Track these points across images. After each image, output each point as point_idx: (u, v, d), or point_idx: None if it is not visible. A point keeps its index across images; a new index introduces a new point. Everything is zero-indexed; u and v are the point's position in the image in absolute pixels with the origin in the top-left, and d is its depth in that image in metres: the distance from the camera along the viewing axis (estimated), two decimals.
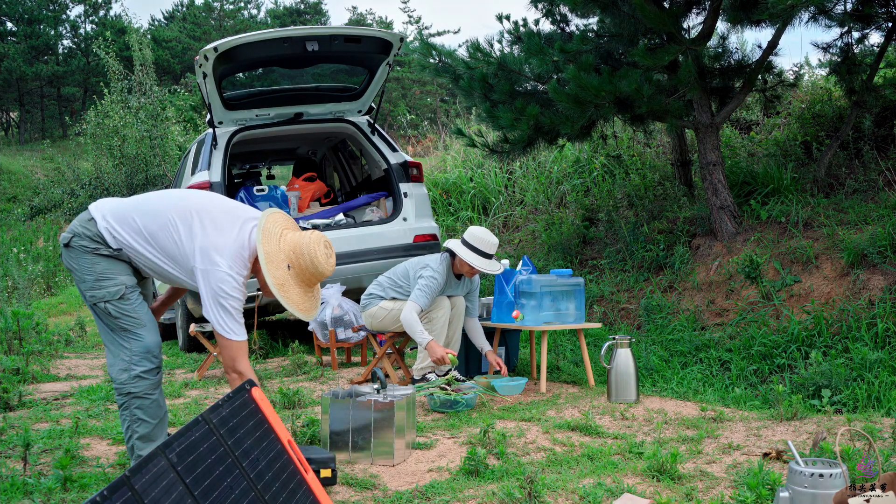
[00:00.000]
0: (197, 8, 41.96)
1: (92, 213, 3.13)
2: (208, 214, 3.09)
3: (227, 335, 3.01)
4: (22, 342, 6.18)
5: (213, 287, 2.99)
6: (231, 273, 3.00)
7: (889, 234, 5.62)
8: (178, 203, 3.15)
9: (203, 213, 3.09)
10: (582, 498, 2.97)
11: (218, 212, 3.12)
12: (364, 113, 6.91)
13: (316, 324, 5.80)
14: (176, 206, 3.13)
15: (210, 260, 2.99)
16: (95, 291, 3.07)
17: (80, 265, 3.09)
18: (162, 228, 3.08)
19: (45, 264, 17.43)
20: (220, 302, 2.99)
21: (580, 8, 6.52)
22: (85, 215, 3.15)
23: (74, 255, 3.11)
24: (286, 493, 2.25)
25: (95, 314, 3.12)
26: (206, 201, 3.19)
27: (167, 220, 3.08)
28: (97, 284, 3.08)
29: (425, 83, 25.64)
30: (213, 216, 3.09)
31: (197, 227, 3.05)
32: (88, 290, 3.09)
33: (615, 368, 4.54)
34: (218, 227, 3.07)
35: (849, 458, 3.01)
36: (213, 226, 3.06)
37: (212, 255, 3.00)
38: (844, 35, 7.16)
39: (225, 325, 3.00)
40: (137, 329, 3.09)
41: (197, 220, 3.06)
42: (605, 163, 9.26)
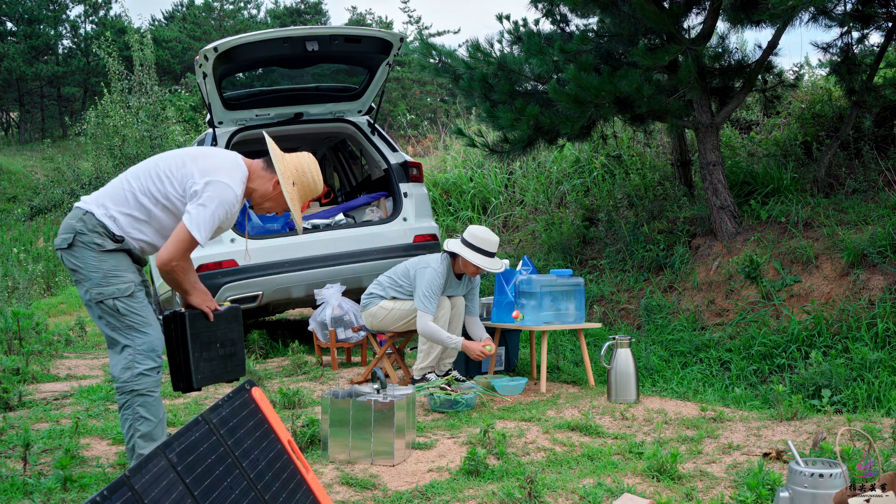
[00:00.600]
0: (197, 8, 41.97)
1: (85, 208, 3.13)
2: (199, 152, 3.22)
3: (194, 229, 3.02)
4: (22, 342, 6.18)
5: (210, 193, 3.06)
6: (231, 185, 3.09)
7: (889, 234, 5.62)
8: (167, 155, 3.24)
9: (194, 153, 3.21)
10: (582, 498, 2.97)
11: (205, 150, 3.26)
12: (364, 113, 6.91)
13: (316, 324, 5.80)
14: (165, 156, 3.22)
15: (212, 174, 3.08)
16: (104, 288, 3.07)
17: (87, 263, 3.09)
18: (156, 180, 3.12)
19: (45, 264, 17.42)
20: (208, 203, 3.04)
21: (580, 8, 6.52)
22: (77, 213, 3.13)
23: (79, 254, 3.10)
24: (286, 493, 2.25)
25: (99, 312, 3.10)
26: (190, 148, 3.31)
27: (158, 169, 3.14)
28: (105, 281, 3.08)
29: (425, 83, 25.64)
30: (203, 152, 3.22)
31: (189, 162, 3.15)
32: (95, 288, 3.08)
33: (615, 368, 4.54)
34: (210, 156, 3.19)
35: (849, 458, 3.01)
36: (205, 157, 3.17)
37: (213, 172, 3.10)
38: (844, 35, 7.16)
39: (199, 220, 3.03)
40: (144, 327, 3.11)
41: (189, 157, 3.17)
42: (605, 163, 9.26)
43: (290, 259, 6.01)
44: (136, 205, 3.13)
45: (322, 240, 6.16)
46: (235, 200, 3.12)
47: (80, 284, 3.12)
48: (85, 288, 3.10)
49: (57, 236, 3.15)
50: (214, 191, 3.06)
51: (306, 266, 6.06)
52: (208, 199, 3.05)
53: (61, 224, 3.17)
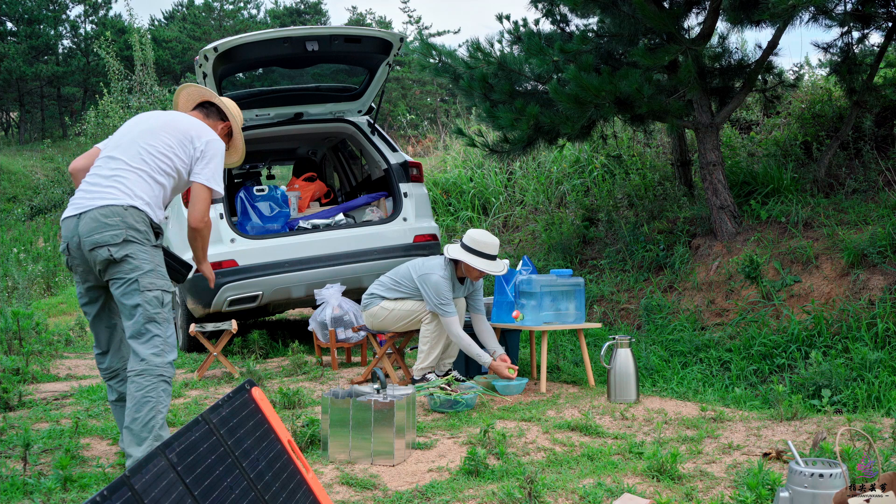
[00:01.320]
0: (197, 8, 41.95)
1: (126, 203, 3.31)
2: (171, 119, 3.55)
3: (214, 185, 3.49)
4: (22, 342, 6.18)
5: (211, 151, 3.50)
6: (218, 139, 3.58)
7: (889, 234, 5.62)
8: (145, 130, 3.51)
9: (167, 120, 3.54)
10: (582, 498, 2.97)
11: (174, 115, 3.61)
12: (364, 113, 6.91)
13: (316, 324, 5.80)
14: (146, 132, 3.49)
15: (204, 134, 3.52)
16: (156, 280, 3.30)
17: (139, 256, 3.28)
18: (163, 158, 3.44)
19: (45, 264, 17.41)
20: (213, 159, 3.49)
21: (580, 8, 6.52)
22: (117, 209, 3.28)
23: (131, 248, 3.27)
24: (286, 493, 2.25)
25: (140, 300, 3.24)
26: (160, 117, 3.59)
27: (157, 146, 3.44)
28: (160, 273, 3.34)
29: (425, 83, 25.64)
30: (175, 118, 3.57)
31: (175, 131, 3.49)
32: (146, 278, 3.26)
33: (615, 368, 4.54)
34: (184, 118, 3.57)
35: (849, 458, 3.01)
36: (183, 122, 3.54)
37: (203, 132, 3.53)
38: (845, 35, 7.16)
39: (213, 176, 3.50)
40: (171, 322, 3.35)
41: (171, 126, 3.51)
42: (605, 163, 9.26)
43: (290, 259, 6.00)
44: (157, 185, 3.40)
45: (322, 240, 6.16)
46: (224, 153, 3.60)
47: (126, 275, 3.25)
48: (132, 278, 3.24)
49: (95, 233, 3.24)
50: (213, 148, 3.50)
51: (306, 266, 6.06)
52: (211, 157, 3.48)
53: (95, 221, 3.26)
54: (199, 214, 3.46)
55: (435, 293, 4.73)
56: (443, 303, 4.72)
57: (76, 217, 3.32)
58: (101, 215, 3.27)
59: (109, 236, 3.23)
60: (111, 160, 3.40)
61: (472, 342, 4.78)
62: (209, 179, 3.47)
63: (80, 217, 3.31)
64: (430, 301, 4.76)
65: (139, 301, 3.25)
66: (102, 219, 3.26)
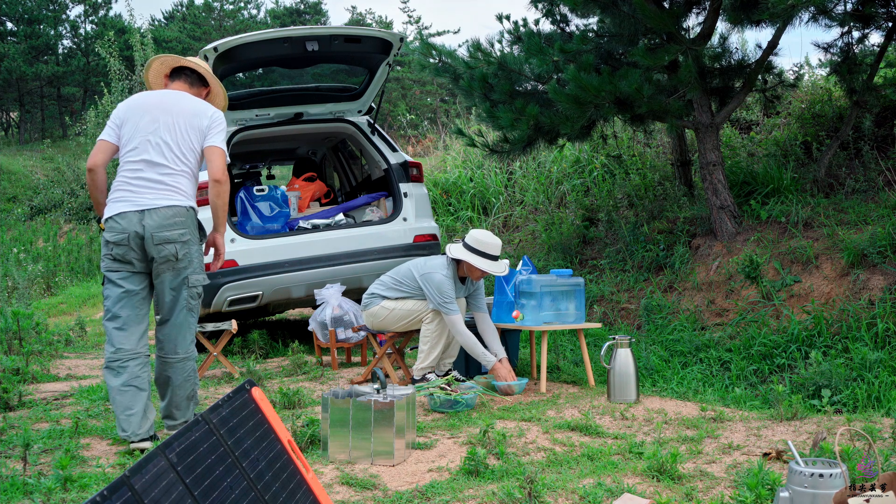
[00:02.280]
0: (197, 8, 41.94)
1: (187, 203, 3.77)
2: (169, 99, 3.90)
3: (224, 147, 3.89)
4: (22, 342, 6.18)
5: (220, 120, 3.90)
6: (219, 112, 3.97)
7: (889, 234, 5.62)
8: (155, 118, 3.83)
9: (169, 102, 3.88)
10: (582, 498, 2.97)
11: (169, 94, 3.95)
12: (364, 113, 6.91)
13: (316, 324, 5.80)
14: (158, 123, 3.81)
15: (206, 107, 3.91)
16: (199, 276, 3.82)
17: (192, 254, 3.77)
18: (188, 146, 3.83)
19: (45, 264, 17.41)
20: (223, 129, 3.89)
21: (580, 8, 6.52)
22: (180, 210, 3.73)
23: (190, 247, 3.76)
24: (286, 493, 2.25)
25: (188, 294, 3.78)
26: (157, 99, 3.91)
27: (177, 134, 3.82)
28: (202, 269, 3.85)
29: (425, 83, 25.64)
30: (174, 97, 3.91)
31: (181, 112, 3.85)
32: (193, 274, 3.78)
33: (615, 368, 4.54)
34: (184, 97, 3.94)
35: (849, 458, 3.01)
36: (185, 100, 3.91)
37: (205, 106, 3.91)
38: (845, 35, 7.16)
39: (224, 141, 3.92)
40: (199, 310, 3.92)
41: (175, 109, 3.84)
42: (605, 163, 9.26)
43: (290, 259, 6.00)
44: (195, 180, 3.87)
45: (322, 240, 6.16)
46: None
47: (180, 271, 3.73)
48: (185, 275, 3.74)
49: (165, 230, 3.67)
50: (218, 119, 3.90)
51: (306, 266, 6.06)
52: (219, 128, 3.88)
53: (164, 219, 3.68)
54: (219, 169, 3.79)
55: (438, 292, 4.73)
56: (446, 301, 4.73)
57: (139, 212, 3.67)
58: (169, 215, 3.69)
59: (178, 234, 3.70)
60: (149, 167, 3.75)
61: (476, 341, 4.78)
62: (222, 142, 3.86)
63: (143, 213, 3.67)
64: (433, 300, 4.76)
65: (187, 295, 3.78)
66: (171, 218, 3.69)
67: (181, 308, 3.77)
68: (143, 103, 3.86)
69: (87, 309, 13.67)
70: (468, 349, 4.78)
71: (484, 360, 4.77)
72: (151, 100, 3.88)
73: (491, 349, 4.89)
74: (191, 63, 4.03)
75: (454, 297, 4.79)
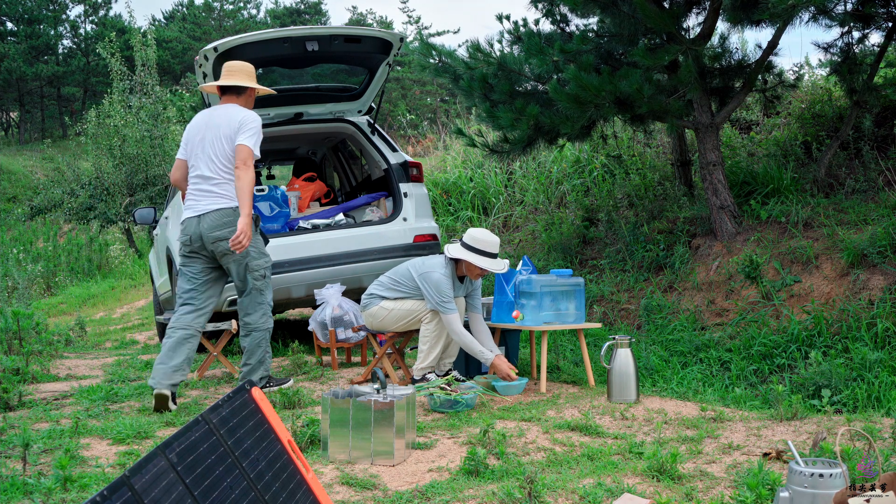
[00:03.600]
0: (197, 8, 41.96)
1: (233, 205, 4.55)
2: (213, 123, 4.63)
3: (254, 147, 4.53)
4: (22, 342, 6.18)
5: (251, 122, 4.57)
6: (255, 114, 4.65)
7: (889, 234, 5.62)
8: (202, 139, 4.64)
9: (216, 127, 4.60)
10: (582, 498, 2.97)
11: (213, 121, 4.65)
12: (364, 113, 6.91)
13: (316, 324, 5.80)
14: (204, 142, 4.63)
15: (238, 113, 4.61)
16: (259, 261, 4.67)
17: (256, 242, 4.66)
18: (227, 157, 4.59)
19: (45, 264, 17.42)
20: (256, 130, 4.56)
21: (580, 8, 6.52)
22: (226, 212, 4.55)
23: (254, 237, 4.60)
24: (286, 493, 2.25)
25: (253, 278, 4.63)
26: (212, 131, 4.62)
27: (217, 149, 4.57)
28: (261, 251, 4.70)
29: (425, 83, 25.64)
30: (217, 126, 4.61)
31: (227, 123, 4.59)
32: (252, 261, 4.62)
33: (615, 368, 4.54)
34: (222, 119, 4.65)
35: (849, 458, 3.01)
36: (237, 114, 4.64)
37: (233, 116, 4.60)
38: (845, 35, 7.16)
39: (254, 141, 4.53)
40: (271, 289, 4.77)
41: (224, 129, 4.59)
42: (605, 163, 9.26)
43: (290, 259, 6.00)
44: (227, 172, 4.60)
45: (322, 240, 6.16)
46: (260, 123, 4.62)
47: (239, 260, 4.57)
48: (244, 262, 4.59)
49: (216, 230, 4.51)
50: (248, 121, 4.55)
51: (306, 266, 6.05)
52: (248, 127, 4.53)
53: (214, 220, 4.53)
54: (239, 160, 4.48)
55: (436, 291, 4.73)
56: (444, 301, 4.73)
57: (197, 217, 4.57)
58: (218, 217, 4.53)
59: (227, 232, 4.50)
60: (202, 179, 4.58)
61: (473, 340, 4.78)
62: (247, 139, 4.49)
63: (200, 217, 4.56)
64: (431, 299, 4.76)
65: (251, 278, 4.62)
66: (220, 219, 4.53)
67: (250, 289, 4.65)
68: (197, 123, 4.70)
69: (87, 309, 13.68)
70: (466, 348, 4.78)
71: (482, 358, 4.76)
72: (201, 120, 4.69)
73: (476, 333, 4.95)
74: (239, 82, 4.69)
75: (452, 296, 4.79)
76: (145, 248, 17.37)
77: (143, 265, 15.77)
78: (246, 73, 4.72)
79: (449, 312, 4.73)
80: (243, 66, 4.74)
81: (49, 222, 21.11)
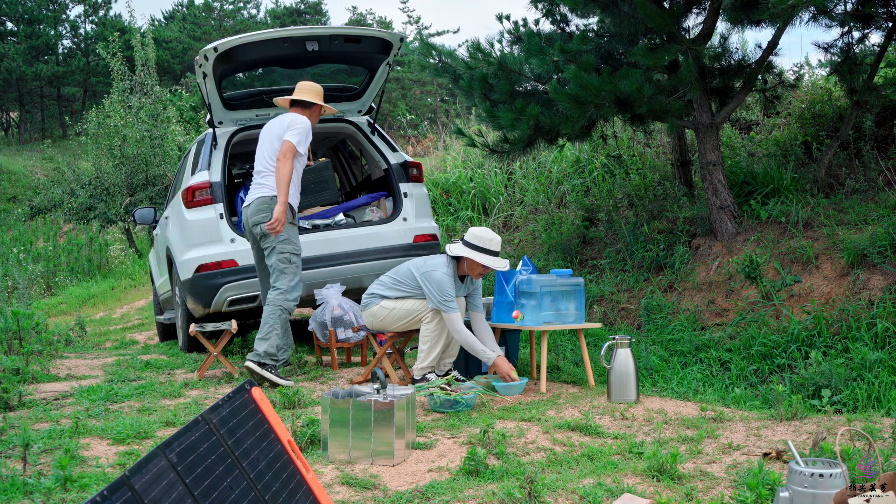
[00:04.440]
0: (197, 8, 41.96)
1: (269, 195, 5.17)
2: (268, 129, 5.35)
3: (296, 142, 5.11)
4: (22, 342, 6.17)
5: (297, 124, 5.20)
6: (305, 120, 5.25)
7: (889, 234, 5.62)
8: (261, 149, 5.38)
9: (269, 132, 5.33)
10: (582, 498, 2.97)
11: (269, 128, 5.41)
12: (364, 113, 6.91)
13: (316, 324, 5.80)
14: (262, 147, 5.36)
15: (288, 118, 5.26)
16: (286, 246, 5.16)
17: (289, 230, 5.17)
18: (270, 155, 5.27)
19: (45, 264, 17.43)
20: (302, 130, 5.17)
21: (580, 8, 6.52)
22: (264, 201, 5.17)
23: (288, 226, 5.16)
24: (286, 493, 2.25)
25: (273, 258, 5.15)
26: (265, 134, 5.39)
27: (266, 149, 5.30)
28: (290, 240, 5.18)
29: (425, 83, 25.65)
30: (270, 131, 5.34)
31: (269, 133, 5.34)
32: (280, 245, 5.13)
33: (615, 368, 4.54)
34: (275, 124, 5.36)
35: (849, 458, 3.01)
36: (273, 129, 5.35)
37: (284, 121, 5.26)
38: (845, 35, 7.16)
39: (300, 139, 5.14)
40: (297, 273, 5.23)
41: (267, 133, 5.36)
42: (605, 163, 9.26)
43: None
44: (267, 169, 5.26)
45: (322, 240, 6.16)
46: (309, 127, 5.22)
47: (270, 243, 5.14)
48: (272, 245, 5.13)
49: (254, 217, 5.16)
50: (295, 124, 5.18)
51: (306, 266, 6.05)
52: (293, 128, 5.14)
53: (254, 208, 5.18)
54: (280, 153, 5.08)
55: (438, 290, 4.73)
56: (446, 299, 4.73)
57: (247, 206, 5.25)
58: (257, 204, 5.17)
59: (262, 217, 5.12)
60: (256, 174, 5.27)
61: (475, 339, 4.78)
62: (292, 136, 5.10)
63: (248, 206, 5.22)
64: (432, 298, 4.76)
65: (275, 259, 5.13)
66: (258, 206, 5.16)
67: (273, 269, 5.14)
68: (263, 129, 5.39)
69: (87, 309, 13.68)
70: (467, 347, 4.78)
71: (484, 357, 4.76)
72: (266, 126, 5.38)
73: (478, 333, 4.96)
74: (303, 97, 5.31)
75: (454, 295, 4.79)
76: (145, 248, 17.37)
77: (143, 265, 15.78)
78: (314, 91, 5.33)
79: (451, 311, 4.73)
80: (312, 86, 5.34)
81: (49, 222, 21.12)
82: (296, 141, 5.08)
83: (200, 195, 6.07)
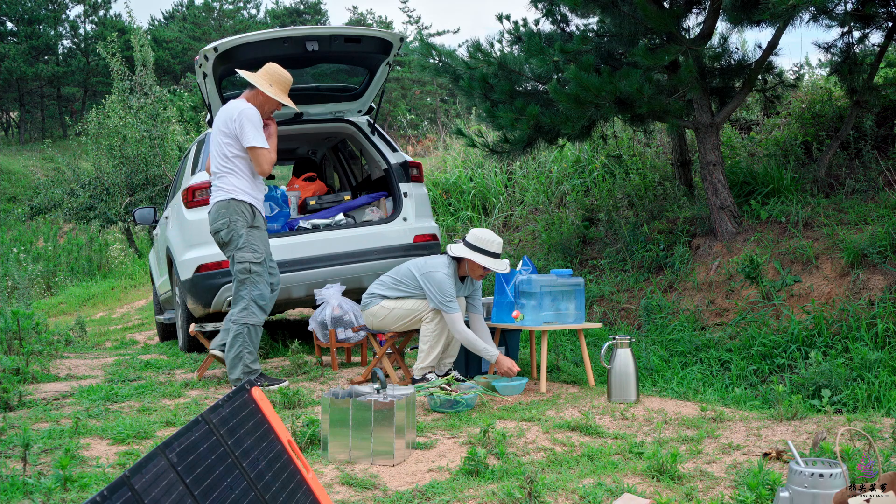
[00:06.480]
0: (197, 8, 41.96)
1: (225, 198, 4.74)
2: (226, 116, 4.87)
3: (260, 145, 4.76)
4: (22, 342, 6.17)
5: (246, 116, 4.76)
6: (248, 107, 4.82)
7: (889, 234, 5.62)
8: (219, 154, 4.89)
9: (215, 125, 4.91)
10: (582, 498, 2.97)
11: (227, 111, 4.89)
12: (364, 113, 6.91)
13: (316, 324, 5.80)
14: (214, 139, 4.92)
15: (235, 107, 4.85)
16: (246, 254, 4.77)
17: (235, 237, 4.78)
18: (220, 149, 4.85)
19: (45, 264, 17.43)
20: (252, 122, 4.74)
21: (580, 8, 6.52)
22: (220, 205, 4.77)
23: (230, 232, 4.75)
24: (286, 493, 2.25)
25: (233, 270, 4.81)
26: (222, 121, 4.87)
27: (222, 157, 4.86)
28: (251, 247, 4.79)
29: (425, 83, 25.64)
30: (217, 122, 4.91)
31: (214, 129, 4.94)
32: (238, 253, 4.76)
33: (615, 368, 4.54)
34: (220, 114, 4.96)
35: (849, 458, 3.01)
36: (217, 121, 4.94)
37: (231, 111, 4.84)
38: (845, 35, 7.16)
39: (258, 138, 4.74)
40: (259, 284, 4.82)
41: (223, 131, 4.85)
42: (605, 163, 9.26)
43: (290, 259, 6.00)
44: (238, 169, 4.83)
45: (322, 240, 6.16)
46: (256, 113, 4.79)
47: (228, 251, 4.83)
48: (230, 254, 4.83)
49: (212, 222, 4.81)
50: (243, 116, 4.74)
51: (306, 266, 6.05)
52: (243, 123, 4.73)
53: (210, 214, 4.86)
54: (264, 168, 4.80)
55: (439, 290, 4.73)
56: (447, 300, 4.73)
57: (209, 213, 4.89)
58: (212, 210, 4.79)
59: (221, 224, 4.73)
60: (213, 175, 4.88)
61: (476, 338, 4.78)
62: (251, 140, 4.72)
63: (209, 213, 4.87)
64: (433, 298, 4.77)
65: (235, 269, 4.73)
66: (215, 212, 4.78)
67: (235, 280, 4.77)
68: (213, 128, 5.00)
69: (87, 309, 13.68)
70: (469, 346, 4.78)
71: (486, 355, 4.76)
72: (213, 124, 5.00)
73: (477, 333, 4.97)
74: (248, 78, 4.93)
75: (455, 295, 4.79)
76: (145, 248, 17.37)
77: (143, 265, 15.78)
78: (268, 75, 4.95)
79: (452, 311, 4.73)
80: (271, 73, 4.95)
81: (49, 222, 21.11)
82: (251, 137, 4.73)
83: (200, 195, 6.07)
